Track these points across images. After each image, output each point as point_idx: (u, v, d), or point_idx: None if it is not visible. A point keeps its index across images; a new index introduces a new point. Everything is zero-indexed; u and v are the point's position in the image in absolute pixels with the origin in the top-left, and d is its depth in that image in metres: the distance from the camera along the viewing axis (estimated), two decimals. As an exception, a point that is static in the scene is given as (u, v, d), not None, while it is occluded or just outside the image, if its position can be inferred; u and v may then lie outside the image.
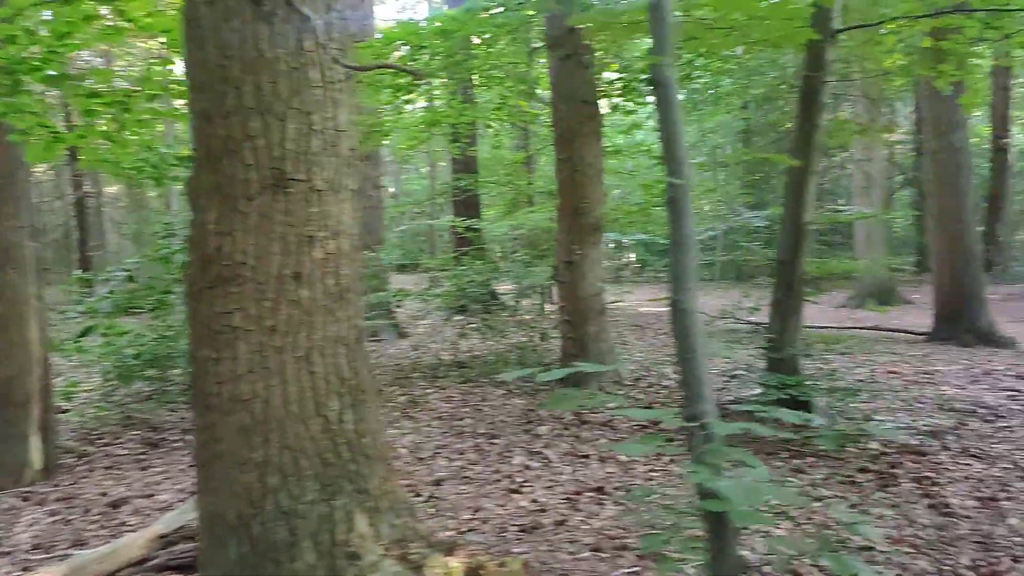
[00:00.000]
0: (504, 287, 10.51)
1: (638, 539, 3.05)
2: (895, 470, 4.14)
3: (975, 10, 3.91)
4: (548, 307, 8.55)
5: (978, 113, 22.54)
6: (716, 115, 17.52)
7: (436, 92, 10.62)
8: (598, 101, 6.36)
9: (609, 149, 7.77)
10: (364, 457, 2.36)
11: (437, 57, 5.09)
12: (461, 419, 5.49)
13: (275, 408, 2.20)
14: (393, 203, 17.54)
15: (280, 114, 2.18)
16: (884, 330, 10.97)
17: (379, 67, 3.87)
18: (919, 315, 11.87)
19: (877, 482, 3.98)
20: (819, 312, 15.34)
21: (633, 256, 28.63)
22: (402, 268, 19.14)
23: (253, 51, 2.16)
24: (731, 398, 5.97)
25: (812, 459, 4.35)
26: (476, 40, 6.19)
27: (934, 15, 4.09)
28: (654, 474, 4.18)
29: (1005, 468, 4.17)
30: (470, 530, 3.40)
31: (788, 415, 1.42)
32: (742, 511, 1.29)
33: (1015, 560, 3.06)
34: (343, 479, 2.30)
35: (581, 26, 5.28)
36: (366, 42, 4.68)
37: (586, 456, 4.50)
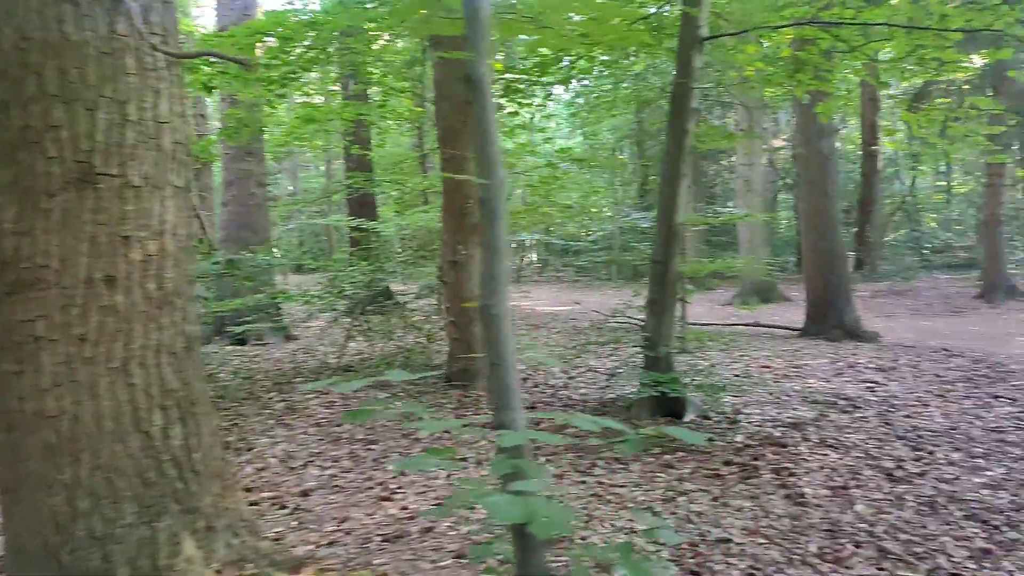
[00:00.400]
0: (402, 287, 10.33)
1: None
2: (757, 462, 4.31)
3: (825, 23, 4.14)
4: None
5: (853, 121, 24.17)
6: (610, 118, 17.96)
7: (329, 88, 10.32)
8: (482, 101, 6.31)
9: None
10: (193, 474, 2.20)
11: (311, 51, 4.91)
12: (340, 425, 5.31)
13: (86, 425, 2.01)
14: (284, 201, 16.97)
15: (88, 103, 1.99)
16: (763, 326, 11.53)
17: (202, 55, 3.66)
18: (797, 312, 12.54)
19: (740, 474, 4.12)
20: (707, 309, 15.99)
21: (534, 256, 29.02)
22: (299, 269, 18.54)
23: (56, 33, 1.96)
24: (613, 395, 6.09)
25: (681, 454, 4.47)
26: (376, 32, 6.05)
27: (789, 25, 4.30)
28: (528, 475, 4.17)
29: (857, 457, 4.42)
30: (331, 543, 3.27)
31: (583, 422, 1.40)
32: (541, 523, 1.26)
33: (857, 546, 3.23)
34: (168, 499, 2.13)
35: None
36: (227, 32, 4.43)
37: (464, 459, 4.44)
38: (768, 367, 7.73)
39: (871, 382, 6.77)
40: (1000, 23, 3.63)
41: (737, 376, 7.16)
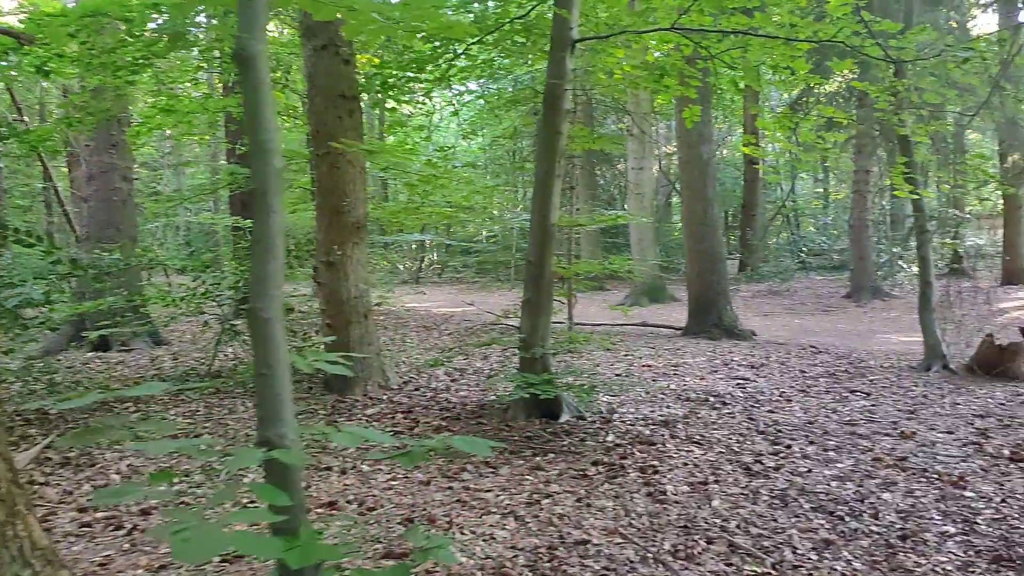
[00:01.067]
0: (289, 289, 9.89)
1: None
2: (625, 461, 4.34)
3: (684, 29, 4.24)
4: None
5: (740, 129, 25.31)
6: (508, 120, 18.02)
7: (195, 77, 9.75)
8: (358, 96, 6.12)
9: (375, 146, 7.55)
10: (-33, 500, 1.93)
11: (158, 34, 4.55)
12: (197, 436, 4.98)
13: None
14: (160, 197, 16.02)
15: None
16: (650, 326, 11.86)
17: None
18: (684, 311, 12.99)
19: (607, 474, 4.14)
20: (601, 309, 16.30)
21: (435, 256, 28.79)
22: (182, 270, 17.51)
23: None
24: (493, 397, 6.03)
25: (552, 456, 4.45)
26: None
27: (651, 31, 4.38)
28: (394, 483, 4.03)
29: (719, 452, 4.54)
30: (164, 566, 3.01)
31: (344, 437, 1.30)
32: (292, 554, 1.14)
33: (709, 542, 3.28)
34: (-67, 530, 1.87)
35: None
36: (57, 11, 4.05)
37: (328, 469, 4.25)
38: (649, 366, 7.91)
39: (742, 379, 7.04)
40: (842, 35, 3.82)
41: (618, 375, 7.29)
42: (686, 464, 4.30)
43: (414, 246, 27.95)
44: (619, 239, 22.12)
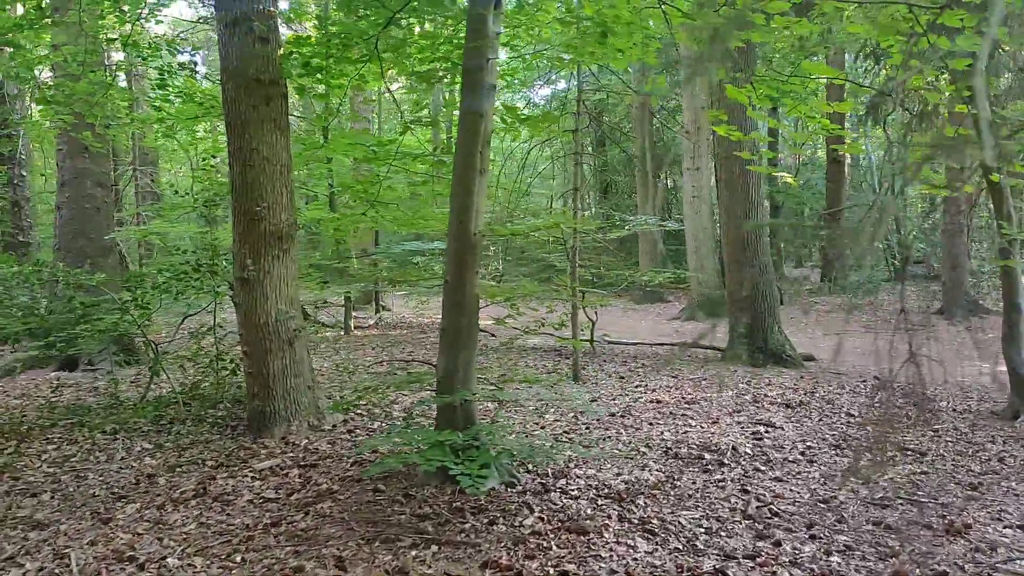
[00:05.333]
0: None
1: None
2: (530, 562, 3.12)
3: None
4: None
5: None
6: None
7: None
8: (280, 81, 5.16)
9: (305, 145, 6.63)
10: None
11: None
12: (40, 493, 4.10)
13: None
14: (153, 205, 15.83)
15: None
16: (690, 346, 10.39)
17: None
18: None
19: (491, 587, 2.94)
20: (653, 324, 14.89)
21: (500, 263, 27.81)
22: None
23: None
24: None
25: (436, 548, 3.27)
26: None
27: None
28: (194, 586, 2.98)
29: (673, 550, 3.25)
30: None
31: None
32: None
33: None
34: None
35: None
36: None
37: (130, 559, 3.24)
38: (658, 401, 6.56)
39: (766, 424, 5.61)
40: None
41: (612, 415, 5.99)
42: (614, 572, 3.04)
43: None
44: (682, 246, 20.43)
